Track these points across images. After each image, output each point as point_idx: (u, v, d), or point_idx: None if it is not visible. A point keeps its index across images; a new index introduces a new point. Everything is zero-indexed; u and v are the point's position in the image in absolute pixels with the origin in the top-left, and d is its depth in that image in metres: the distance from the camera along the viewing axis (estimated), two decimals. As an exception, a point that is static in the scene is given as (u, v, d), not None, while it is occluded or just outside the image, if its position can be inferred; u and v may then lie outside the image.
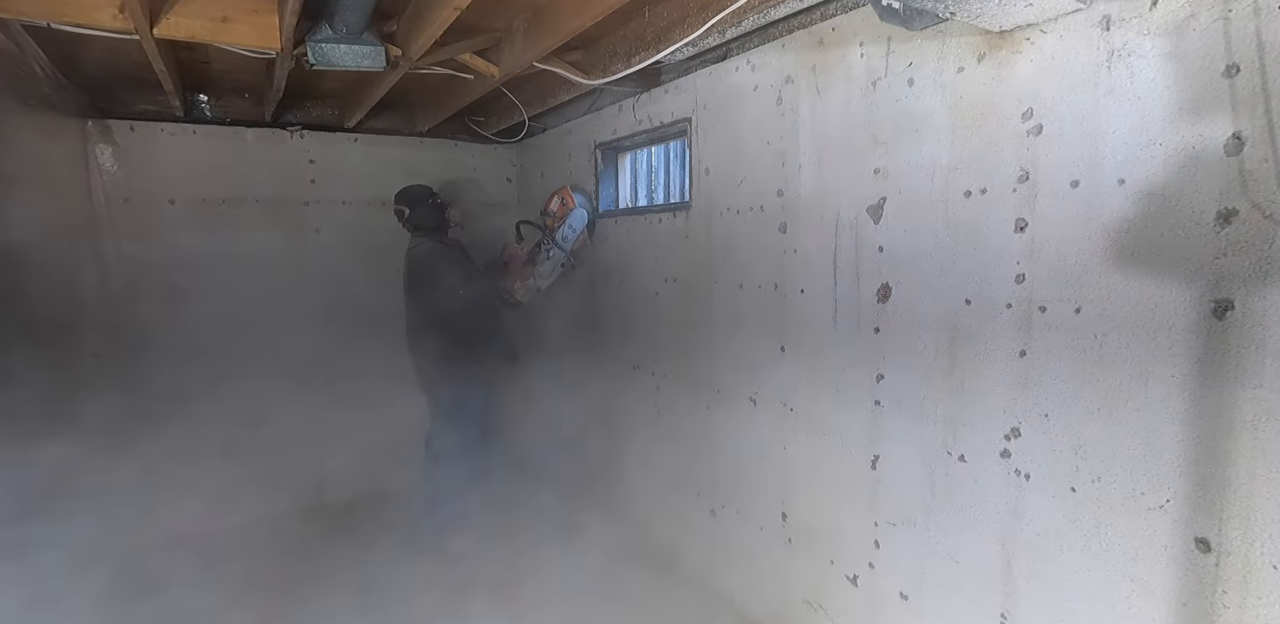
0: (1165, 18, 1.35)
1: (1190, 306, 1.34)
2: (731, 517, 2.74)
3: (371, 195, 3.94)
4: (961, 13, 1.49)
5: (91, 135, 3.33)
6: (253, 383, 3.61)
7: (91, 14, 2.07)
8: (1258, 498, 1.27)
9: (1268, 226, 1.23)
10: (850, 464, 2.17)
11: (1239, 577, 1.31)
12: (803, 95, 2.22)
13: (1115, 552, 1.50)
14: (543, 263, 3.45)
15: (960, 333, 1.79)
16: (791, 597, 2.47)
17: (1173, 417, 1.38)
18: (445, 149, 4.18)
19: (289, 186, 3.80)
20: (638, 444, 3.34)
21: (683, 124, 2.81)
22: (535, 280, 3.46)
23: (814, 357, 2.27)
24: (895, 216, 1.95)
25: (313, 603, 2.86)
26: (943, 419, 1.86)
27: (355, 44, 2.28)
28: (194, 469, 3.44)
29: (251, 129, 3.67)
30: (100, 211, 3.35)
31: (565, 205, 3.44)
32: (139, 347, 3.42)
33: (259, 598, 2.90)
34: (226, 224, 3.62)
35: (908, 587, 2.02)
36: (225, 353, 3.60)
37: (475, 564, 3.16)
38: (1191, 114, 1.31)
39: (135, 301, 3.42)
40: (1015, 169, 1.63)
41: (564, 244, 3.45)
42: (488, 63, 2.69)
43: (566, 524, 3.49)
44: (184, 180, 3.54)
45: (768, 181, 2.39)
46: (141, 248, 3.44)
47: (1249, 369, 1.26)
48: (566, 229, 3.44)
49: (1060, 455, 1.59)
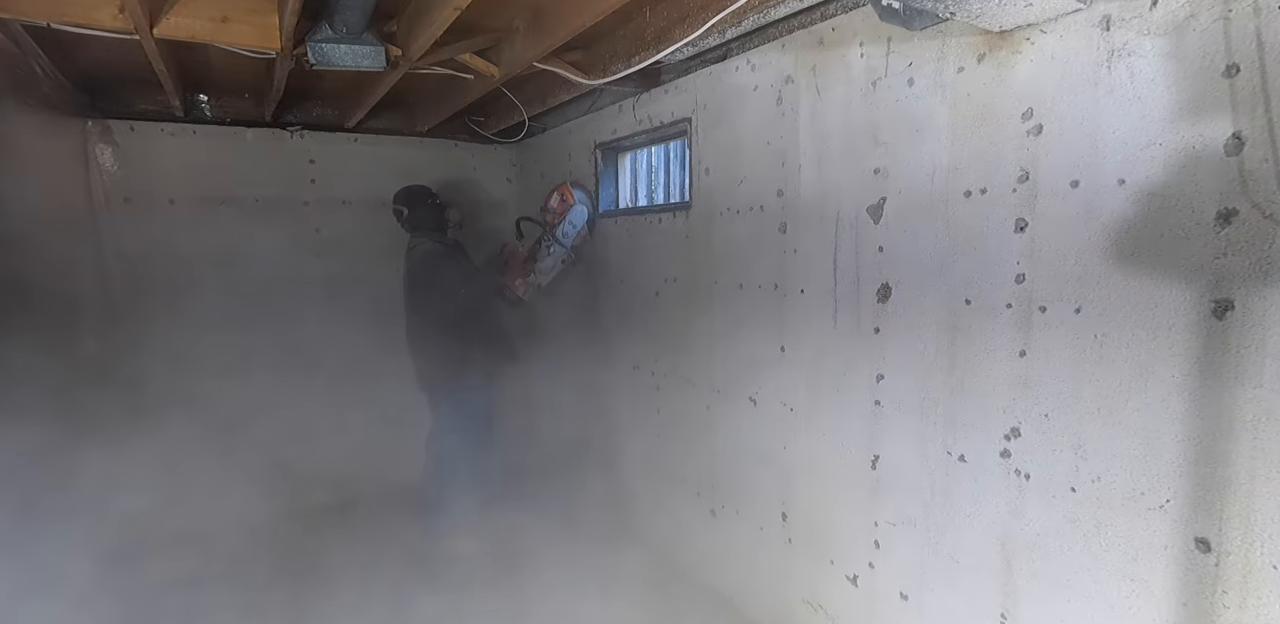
0: (1165, 18, 1.35)
1: (1190, 306, 1.34)
2: (731, 517, 2.74)
3: (371, 195, 3.94)
4: (961, 13, 1.49)
5: (91, 135, 3.33)
6: (252, 383, 3.61)
7: (91, 14, 2.08)
8: (1258, 498, 1.27)
9: (1268, 226, 1.23)
10: (850, 464, 2.17)
11: (1239, 577, 1.31)
12: (803, 95, 2.22)
13: (1115, 552, 1.50)
14: (543, 259, 3.45)
15: (960, 333, 1.79)
16: (791, 597, 2.47)
17: (1173, 417, 1.38)
18: (445, 149, 4.18)
19: (289, 186, 3.80)
20: (638, 444, 3.34)
21: (683, 124, 2.81)
22: (536, 277, 3.45)
23: (814, 357, 2.27)
24: (895, 216, 1.95)
25: (311, 603, 2.86)
26: (943, 419, 1.86)
27: (355, 44, 2.27)
28: (192, 468, 3.44)
29: (251, 129, 3.67)
30: (100, 211, 3.35)
31: (565, 202, 3.44)
32: (138, 347, 3.42)
33: (255, 598, 2.90)
34: (226, 224, 3.62)
35: (908, 587, 2.02)
36: (225, 352, 3.60)
37: (475, 564, 3.16)
38: (1191, 114, 1.31)
39: (135, 301, 3.43)
40: (1015, 169, 1.63)
41: (564, 240, 3.45)
42: (488, 63, 2.69)
43: (566, 524, 3.49)
44: (184, 180, 3.54)
45: (768, 181, 2.39)
46: (141, 247, 3.45)
47: (1249, 369, 1.26)
48: (567, 225, 3.44)
49: (1060, 455, 1.59)
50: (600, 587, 2.91)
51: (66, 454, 2.53)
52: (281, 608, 2.82)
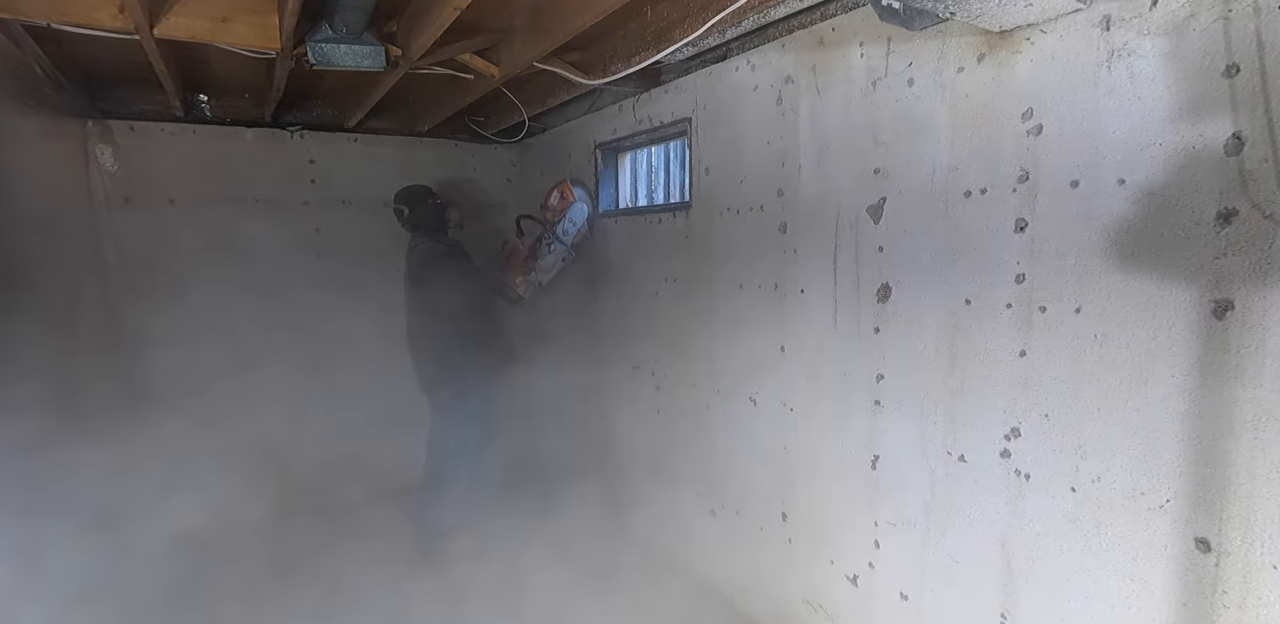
0: (1165, 18, 1.35)
1: (1190, 306, 1.34)
2: (731, 517, 2.74)
3: (371, 195, 3.94)
4: (961, 13, 1.49)
5: (91, 135, 3.32)
6: (252, 382, 3.61)
7: (91, 14, 2.07)
8: (1258, 498, 1.27)
9: (1268, 226, 1.23)
10: (850, 464, 2.17)
11: (1239, 577, 1.31)
12: (803, 95, 2.22)
13: (1115, 552, 1.50)
14: (544, 257, 3.45)
15: (960, 333, 1.79)
16: (791, 597, 2.47)
17: (1173, 416, 1.38)
18: (445, 149, 4.18)
19: (289, 186, 3.80)
20: (638, 444, 3.34)
21: (683, 124, 2.81)
22: (537, 274, 3.46)
23: (814, 357, 2.27)
24: (895, 216, 1.95)
25: (308, 604, 2.86)
26: (943, 419, 1.86)
27: (355, 44, 2.27)
28: (191, 466, 3.44)
29: (251, 129, 3.66)
30: (100, 211, 3.35)
31: (565, 199, 3.45)
32: (138, 346, 3.42)
33: (254, 597, 2.90)
34: (226, 224, 3.62)
35: (908, 587, 2.02)
36: (225, 352, 3.60)
37: (475, 565, 3.16)
38: (1191, 114, 1.31)
39: (134, 301, 3.42)
40: (1015, 169, 1.63)
41: (565, 238, 3.45)
42: (488, 63, 2.69)
43: (565, 524, 3.48)
44: (184, 180, 3.53)
45: (768, 181, 2.39)
46: (141, 247, 3.45)
47: (1249, 369, 1.26)
48: (567, 223, 3.44)
49: (1060, 455, 1.59)
50: (600, 586, 2.91)
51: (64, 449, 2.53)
52: (278, 608, 2.82)
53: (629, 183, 3.51)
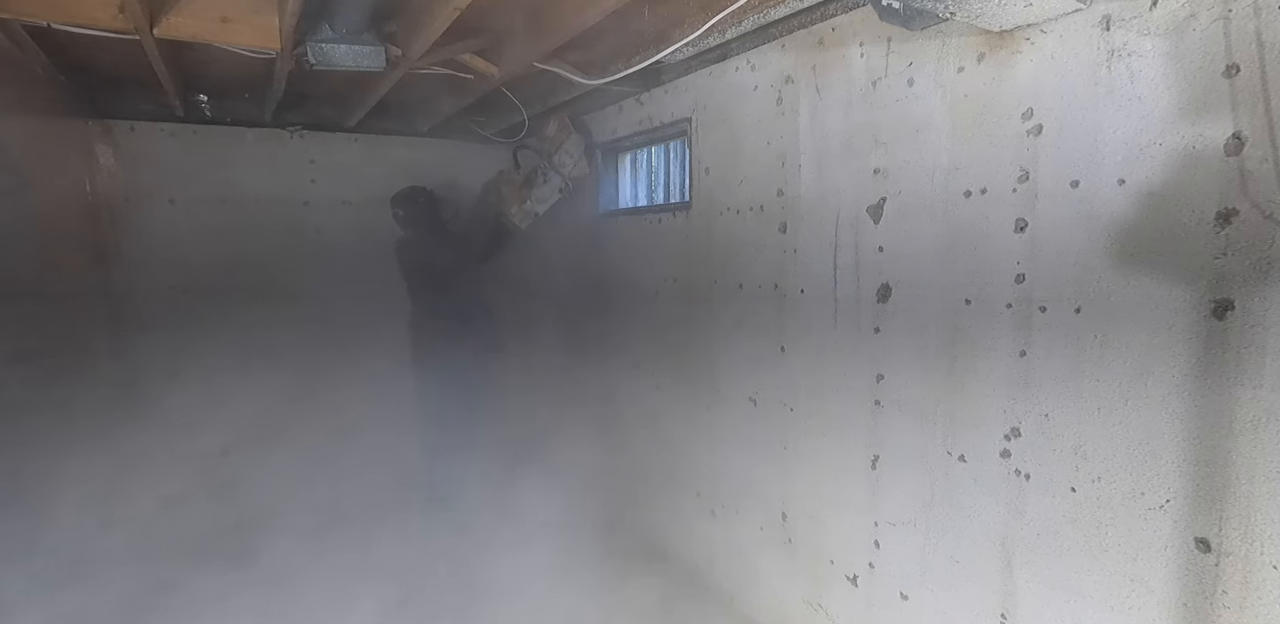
0: (1165, 18, 1.35)
1: (1190, 306, 1.34)
2: (731, 517, 2.74)
3: (371, 195, 3.94)
4: (961, 13, 1.49)
5: (91, 135, 3.33)
6: (252, 382, 3.61)
7: (91, 14, 2.07)
8: (1258, 498, 1.27)
9: (1268, 226, 1.23)
10: (850, 464, 2.17)
11: (1239, 577, 1.31)
12: (803, 95, 2.22)
13: (1115, 552, 1.50)
14: (540, 186, 3.46)
15: (960, 333, 1.79)
16: (792, 596, 2.47)
17: (1173, 416, 1.38)
18: (445, 149, 4.17)
19: (289, 186, 3.80)
20: (637, 444, 3.34)
21: (683, 124, 2.81)
22: (532, 204, 3.49)
23: (814, 357, 2.27)
24: (895, 216, 1.95)
25: (308, 603, 2.86)
26: (943, 419, 1.86)
27: (355, 44, 2.27)
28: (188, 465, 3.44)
29: (251, 129, 3.67)
30: (100, 211, 3.35)
31: (564, 129, 3.45)
32: (137, 345, 3.42)
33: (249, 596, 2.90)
34: (226, 224, 3.62)
35: (908, 587, 2.02)
36: (225, 351, 3.59)
37: (473, 565, 3.16)
38: (1191, 114, 1.31)
39: (134, 301, 3.42)
40: (1015, 169, 1.63)
41: (561, 169, 3.46)
42: (488, 63, 2.69)
43: (564, 524, 3.48)
44: (184, 180, 3.54)
45: (768, 181, 2.39)
46: (141, 247, 3.44)
47: (1249, 369, 1.26)
48: (564, 154, 3.44)
49: (1060, 455, 1.59)
50: (599, 586, 2.90)
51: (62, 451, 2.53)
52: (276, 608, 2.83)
53: (629, 183, 3.51)
